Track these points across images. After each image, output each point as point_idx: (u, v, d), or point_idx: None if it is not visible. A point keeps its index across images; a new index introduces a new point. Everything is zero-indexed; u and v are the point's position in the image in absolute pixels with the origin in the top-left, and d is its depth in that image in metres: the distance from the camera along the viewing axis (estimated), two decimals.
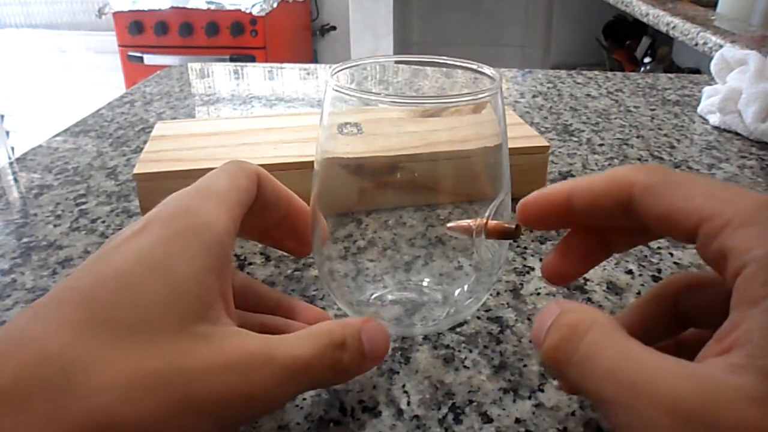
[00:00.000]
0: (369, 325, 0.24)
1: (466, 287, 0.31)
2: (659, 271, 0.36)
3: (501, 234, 0.26)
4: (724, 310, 0.18)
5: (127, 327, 0.19)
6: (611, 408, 0.17)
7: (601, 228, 0.24)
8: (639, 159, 0.53)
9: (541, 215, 0.24)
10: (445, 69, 0.30)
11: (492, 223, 0.26)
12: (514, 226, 0.26)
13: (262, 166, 0.41)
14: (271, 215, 0.28)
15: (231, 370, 0.19)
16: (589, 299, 0.33)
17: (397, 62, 0.31)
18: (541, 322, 0.20)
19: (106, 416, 0.17)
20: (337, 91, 0.26)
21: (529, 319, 0.32)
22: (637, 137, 0.58)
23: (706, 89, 0.65)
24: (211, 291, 0.21)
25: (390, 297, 0.31)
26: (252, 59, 2.07)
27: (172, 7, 2.03)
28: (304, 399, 0.26)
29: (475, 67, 0.28)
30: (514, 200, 0.25)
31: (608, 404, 0.17)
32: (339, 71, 0.27)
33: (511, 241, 0.31)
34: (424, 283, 0.31)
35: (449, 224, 0.28)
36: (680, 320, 0.24)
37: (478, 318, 0.32)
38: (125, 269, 0.20)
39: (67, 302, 0.19)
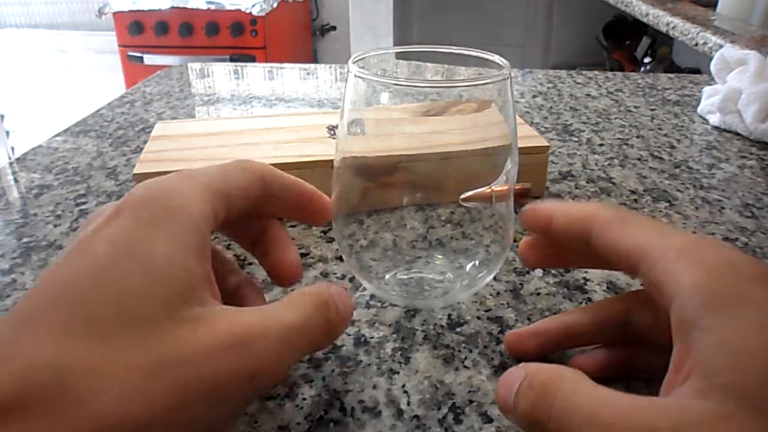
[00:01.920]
0: (334, 288, 0.24)
1: (477, 262, 0.32)
2: None
3: (522, 195, 0.28)
4: (664, 329, 0.21)
5: (113, 323, 0.18)
6: None
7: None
8: (639, 159, 0.53)
9: (533, 224, 0.27)
10: (447, 66, 0.30)
11: (515, 186, 0.29)
12: (528, 185, 0.30)
13: None
14: (281, 205, 0.27)
15: (227, 350, 0.19)
16: (589, 299, 0.33)
17: (419, 51, 0.32)
18: (507, 386, 0.21)
19: (106, 420, 0.17)
20: (358, 77, 0.27)
21: (529, 319, 0.32)
22: (637, 137, 0.58)
23: (706, 89, 0.65)
24: (194, 273, 0.20)
25: (404, 274, 0.33)
26: (252, 59, 2.07)
27: (172, 7, 2.03)
28: (304, 399, 0.26)
29: (483, 56, 0.29)
30: (514, 201, 0.26)
31: None
32: (359, 59, 0.29)
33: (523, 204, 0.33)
34: (437, 261, 0.33)
35: (464, 195, 0.30)
36: (628, 334, 0.27)
37: (478, 318, 0.32)
38: (103, 261, 0.19)
39: (50, 304, 0.18)
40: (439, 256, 0.33)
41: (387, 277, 0.32)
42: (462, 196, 0.29)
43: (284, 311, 0.21)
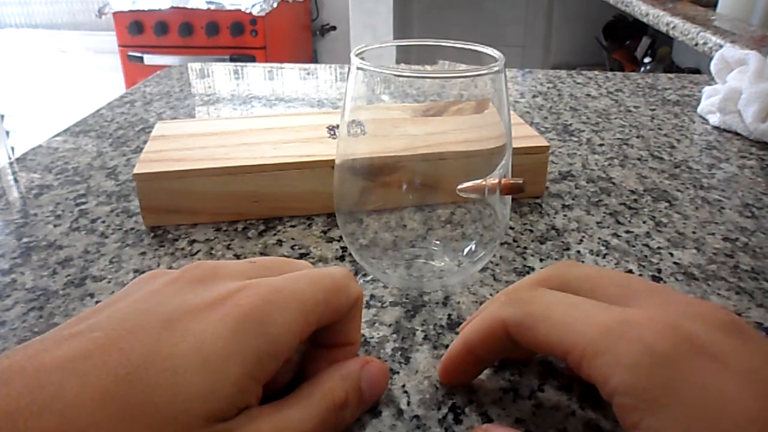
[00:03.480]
0: (369, 369, 0.25)
1: (473, 246, 0.33)
2: (659, 270, 0.36)
3: (511, 189, 0.30)
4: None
5: (158, 417, 0.18)
6: None
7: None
8: (639, 159, 0.53)
9: (458, 374, 0.27)
10: (448, 62, 0.31)
11: (504, 180, 0.30)
12: (521, 181, 0.30)
13: (261, 166, 0.42)
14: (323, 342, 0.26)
15: None
16: None
17: (419, 46, 0.32)
18: None
19: None
20: (360, 68, 0.28)
21: None
22: (637, 137, 0.58)
23: (706, 89, 0.65)
24: (247, 396, 0.21)
25: (403, 257, 0.34)
26: (252, 59, 2.07)
27: (172, 7, 2.03)
28: None
29: (478, 49, 0.30)
30: (515, 201, 0.26)
31: None
32: (362, 52, 0.29)
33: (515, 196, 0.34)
34: (434, 246, 0.35)
35: (460, 186, 0.31)
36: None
37: None
38: (180, 353, 0.19)
39: (108, 365, 0.18)
40: (437, 242, 0.35)
41: (386, 262, 0.33)
42: (459, 187, 0.31)
43: (302, 414, 0.22)
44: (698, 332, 0.20)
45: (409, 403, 0.26)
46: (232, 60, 2.04)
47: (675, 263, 0.37)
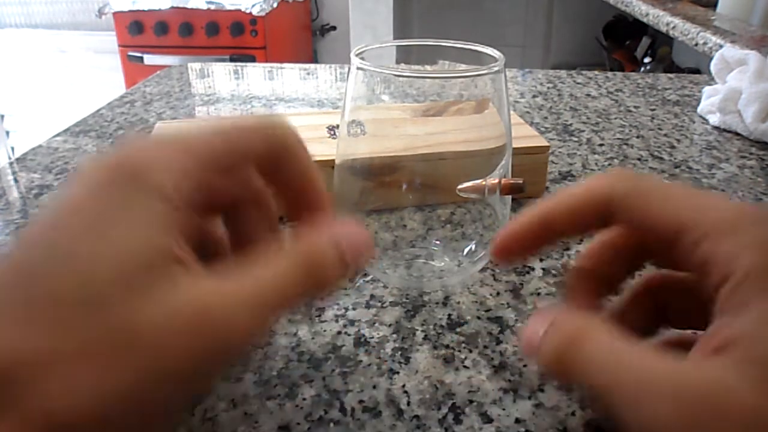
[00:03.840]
0: (347, 228, 0.22)
1: (473, 246, 0.33)
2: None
3: (511, 189, 0.30)
4: (697, 310, 0.20)
5: (69, 304, 0.16)
6: (619, 405, 0.18)
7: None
8: (639, 159, 0.53)
9: (520, 249, 0.24)
10: (448, 62, 0.31)
11: (503, 180, 0.30)
12: (521, 181, 0.29)
13: None
14: (280, 188, 0.24)
15: (190, 328, 0.17)
16: None
17: (419, 46, 0.32)
18: (532, 331, 0.20)
19: (54, 418, 0.15)
20: (360, 68, 0.28)
21: (529, 318, 0.32)
22: (637, 137, 0.58)
23: (706, 89, 0.65)
24: (159, 246, 0.18)
25: (403, 257, 0.34)
26: (252, 59, 2.07)
27: (172, 7, 2.03)
28: (304, 399, 0.26)
29: (478, 49, 0.30)
30: (515, 201, 0.26)
31: (616, 402, 0.18)
32: (362, 52, 0.29)
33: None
34: (434, 246, 0.34)
35: (460, 186, 0.30)
36: (659, 317, 0.25)
37: (478, 318, 0.32)
38: (62, 239, 0.17)
39: (9, 287, 0.17)
40: (437, 242, 0.35)
41: (386, 262, 0.34)
42: (459, 187, 0.31)
43: (266, 276, 0.19)
44: None
45: (409, 403, 0.26)
46: (232, 60, 2.04)
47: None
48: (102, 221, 0.18)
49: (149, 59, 2.12)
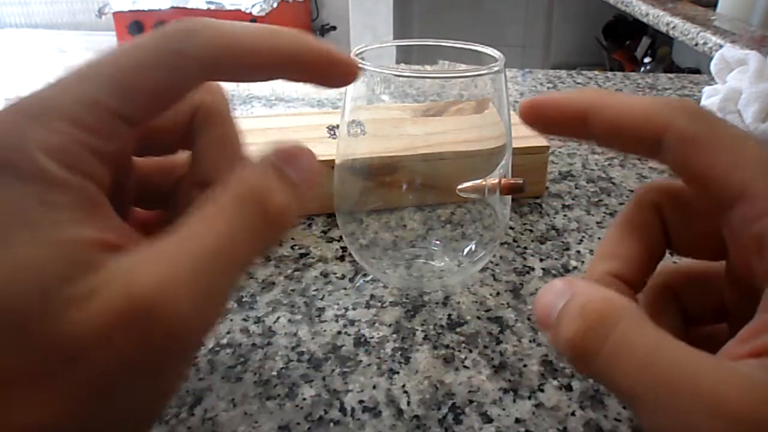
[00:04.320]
0: (279, 149, 0.18)
1: (473, 246, 0.33)
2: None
3: (511, 189, 0.30)
4: (722, 305, 0.18)
5: None
6: (646, 405, 0.15)
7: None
8: (639, 159, 0.53)
9: (548, 120, 0.20)
10: (448, 62, 0.31)
11: (503, 180, 0.30)
12: (521, 181, 0.29)
13: None
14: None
15: (128, 323, 0.14)
16: None
17: (419, 46, 0.32)
18: (548, 302, 0.17)
19: None
20: (360, 68, 0.28)
21: (529, 318, 0.32)
22: None
23: (706, 89, 0.65)
24: (69, 238, 0.15)
25: (403, 257, 0.34)
26: None
27: (172, 7, 2.03)
28: (304, 399, 0.26)
29: (478, 49, 0.30)
30: (515, 201, 0.26)
31: (642, 401, 0.15)
32: (362, 52, 0.29)
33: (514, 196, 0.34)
34: (434, 246, 0.35)
35: (460, 186, 0.30)
36: (683, 316, 0.22)
37: (478, 318, 0.32)
38: None
39: None
40: (437, 242, 0.35)
41: (386, 262, 0.34)
42: (459, 187, 0.31)
43: (198, 229, 0.16)
44: None
45: (409, 403, 0.26)
46: None
47: (675, 263, 0.37)
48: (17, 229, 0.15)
49: None
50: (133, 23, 2.09)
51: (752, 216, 0.16)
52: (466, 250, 0.33)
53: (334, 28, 2.55)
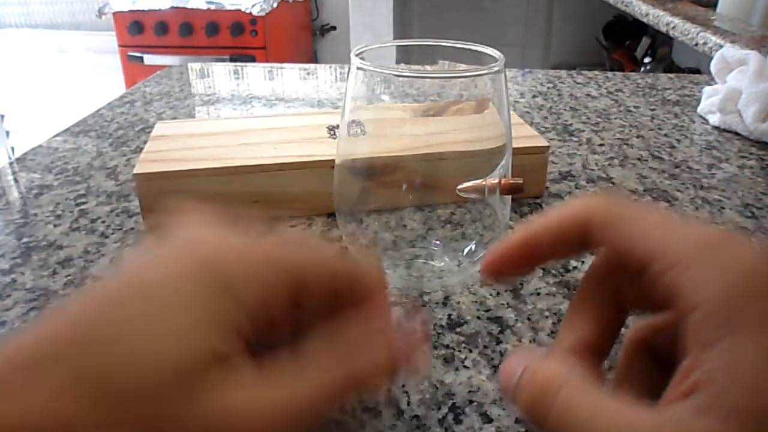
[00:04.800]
0: (401, 331, 0.22)
1: (473, 246, 0.33)
2: None
3: (511, 189, 0.30)
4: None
5: (121, 385, 0.17)
6: None
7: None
8: (639, 159, 0.53)
9: (509, 269, 0.24)
10: (448, 62, 0.31)
11: (503, 180, 0.30)
12: (521, 181, 0.30)
13: (261, 166, 0.42)
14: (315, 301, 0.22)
15: None
16: None
17: (419, 46, 0.32)
18: (508, 372, 0.20)
19: None
20: (360, 68, 0.28)
21: (529, 318, 0.32)
22: (637, 137, 0.58)
23: (706, 89, 0.65)
24: (217, 347, 0.18)
25: (403, 257, 0.34)
26: (252, 59, 2.07)
27: (172, 7, 2.03)
28: None
29: (478, 49, 0.30)
30: (515, 201, 0.26)
31: None
32: (362, 52, 0.29)
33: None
34: (434, 246, 0.35)
35: (460, 186, 0.31)
36: (662, 363, 0.24)
37: (478, 318, 0.32)
38: (128, 313, 0.18)
39: (59, 356, 0.17)
40: (437, 242, 0.35)
41: (386, 262, 0.34)
42: (459, 187, 0.31)
43: (304, 380, 0.20)
44: None
45: (409, 403, 0.26)
46: (232, 60, 2.04)
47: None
48: (168, 317, 0.18)
49: (149, 59, 2.12)
50: (133, 23, 2.09)
51: (661, 273, 0.19)
52: (466, 250, 0.33)
53: (334, 28, 2.55)
